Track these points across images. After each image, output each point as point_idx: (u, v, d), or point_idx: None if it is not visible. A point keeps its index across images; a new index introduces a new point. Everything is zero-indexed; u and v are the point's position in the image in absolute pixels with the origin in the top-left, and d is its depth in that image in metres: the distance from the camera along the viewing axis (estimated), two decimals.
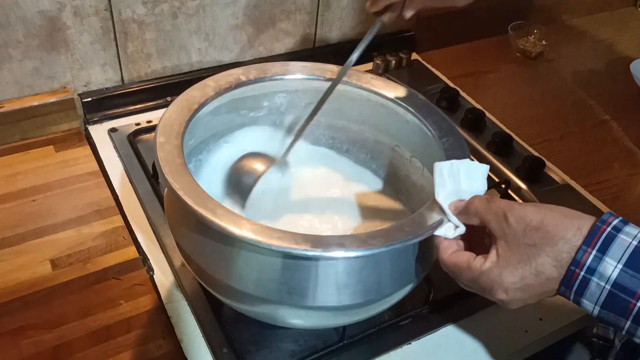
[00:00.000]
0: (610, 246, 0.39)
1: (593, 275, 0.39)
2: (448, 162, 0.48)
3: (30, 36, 0.72)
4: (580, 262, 0.39)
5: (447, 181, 0.47)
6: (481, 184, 0.48)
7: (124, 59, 0.80)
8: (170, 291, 0.59)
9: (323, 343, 0.56)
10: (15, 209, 0.66)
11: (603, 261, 0.39)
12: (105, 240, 0.64)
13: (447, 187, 0.47)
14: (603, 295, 0.39)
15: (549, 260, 0.41)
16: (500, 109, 0.92)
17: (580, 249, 0.39)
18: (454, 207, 0.47)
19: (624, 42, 1.13)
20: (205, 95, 0.57)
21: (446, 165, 0.48)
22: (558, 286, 0.41)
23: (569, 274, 0.40)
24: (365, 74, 0.63)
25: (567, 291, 0.41)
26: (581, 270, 0.39)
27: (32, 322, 0.55)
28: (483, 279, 0.43)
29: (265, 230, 0.43)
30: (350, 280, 0.47)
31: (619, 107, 0.95)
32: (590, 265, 0.39)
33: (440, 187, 0.47)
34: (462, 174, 0.47)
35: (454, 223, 0.46)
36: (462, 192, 0.47)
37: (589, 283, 0.39)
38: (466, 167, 0.48)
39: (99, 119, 0.80)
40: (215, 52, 0.86)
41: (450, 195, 0.47)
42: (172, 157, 0.49)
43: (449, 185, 0.47)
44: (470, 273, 0.44)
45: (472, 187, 0.47)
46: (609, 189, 0.79)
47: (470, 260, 0.44)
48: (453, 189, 0.47)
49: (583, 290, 0.40)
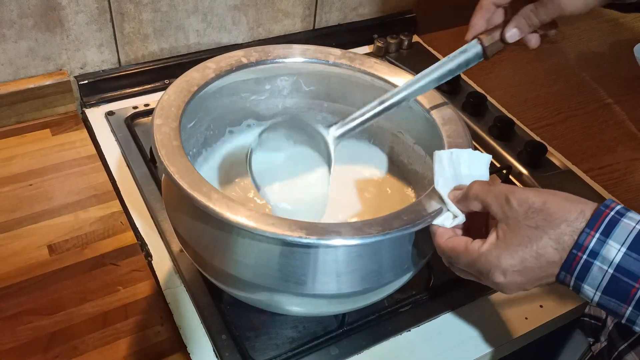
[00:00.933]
0: (614, 229, 0.38)
1: (596, 259, 0.38)
2: (448, 151, 0.47)
3: (24, 16, 0.70)
4: (583, 245, 0.39)
5: (446, 170, 0.47)
6: (484, 173, 0.48)
7: (121, 40, 0.79)
8: (168, 277, 0.59)
9: (322, 329, 0.56)
10: (11, 194, 0.66)
11: (606, 244, 0.38)
12: (102, 226, 0.63)
13: (446, 176, 0.46)
14: (605, 279, 0.38)
15: (550, 242, 0.40)
16: (502, 92, 0.91)
17: (583, 232, 0.39)
18: (453, 196, 0.46)
19: (628, 24, 1.11)
20: (205, 77, 0.56)
21: (446, 154, 0.47)
22: (558, 271, 0.41)
23: (570, 257, 0.39)
24: (369, 58, 0.61)
25: (568, 277, 0.40)
26: (583, 254, 0.39)
27: (29, 308, 0.55)
28: (482, 260, 0.42)
29: (261, 217, 0.43)
30: (347, 268, 0.46)
31: (622, 90, 0.94)
32: (593, 248, 0.38)
33: (439, 175, 0.47)
34: (462, 163, 0.47)
35: (452, 212, 0.46)
36: (462, 182, 0.46)
37: (591, 267, 0.39)
38: (467, 156, 0.47)
39: (96, 102, 0.79)
40: (213, 34, 0.85)
41: (450, 184, 0.46)
42: (169, 140, 0.48)
43: (448, 174, 0.47)
44: (468, 256, 0.43)
45: (473, 177, 0.47)
46: (611, 173, 0.79)
47: (468, 243, 0.43)
48: (453, 178, 0.46)
49: (584, 275, 0.39)
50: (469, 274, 0.45)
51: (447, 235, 0.45)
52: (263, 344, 0.54)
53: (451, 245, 0.44)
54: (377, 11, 0.98)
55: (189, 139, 0.58)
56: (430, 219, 0.45)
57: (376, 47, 0.94)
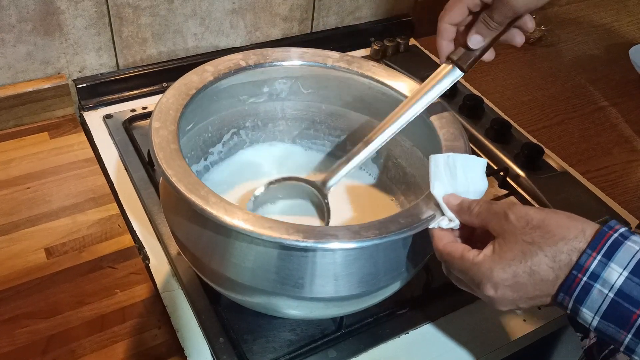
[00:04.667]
0: (616, 252, 0.37)
1: (596, 282, 0.37)
2: (444, 155, 0.47)
3: (23, 20, 0.71)
4: (583, 267, 0.37)
5: (442, 174, 0.47)
6: (480, 178, 0.47)
7: (119, 43, 0.79)
8: (166, 280, 0.59)
9: (320, 332, 0.56)
10: (9, 197, 0.66)
11: (608, 267, 0.37)
12: (100, 229, 0.63)
13: (442, 180, 0.46)
14: (605, 303, 0.37)
15: (546, 260, 0.39)
16: (499, 94, 0.91)
17: (584, 253, 0.38)
18: (450, 202, 0.46)
19: (623, 27, 1.12)
20: (204, 80, 0.56)
21: (442, 158, 0.47)
22: (555, 292, 0.39)
23: (570, 279, 0.38)
24: (366, 61, 0.62)
25: (566, 298, 0.39)
26: (584, 276, 0.37)
27: (26, 311, 0.55)
28: (474, 270, 0.42)
29: (258, 220, 0.43)
30: (344, 271, 0.46)
31: (618, 93, 0.94)
32: (594, 270, 0.37)
33: (435, 179, 0.47)
34: (458, 168, 0.47)
35: (448, 217, 0.46)
36: (458, 186, 0.46)
37: (591, 290, 0.37)
38: (463, 161, 0.47)
39: (94, 105, 0.79)
40: (211, 37, 0.85)
41: (446, 189, 0.46)
42: (167, 143, 0.48)
43: (444, 178, 0.46)
44: (462, 263, 0.43)
45: (469, 181, 0.46)
46: (607, 175, 0.79)
47: (465, 251, 0.43)
48: (449, 182, 0.46)
49: (584, 298, 0.38)
50: (463, 284, 0.45)
51: (446, 239, 0.45)
52: (261, 347, 0.54)
53: (448, 250, 0.44)
54: (374, 15, 0.98)
55: (187, 142, 0.58)
56: (427, 223, 0.45)
57: (373, 50, 0.94)
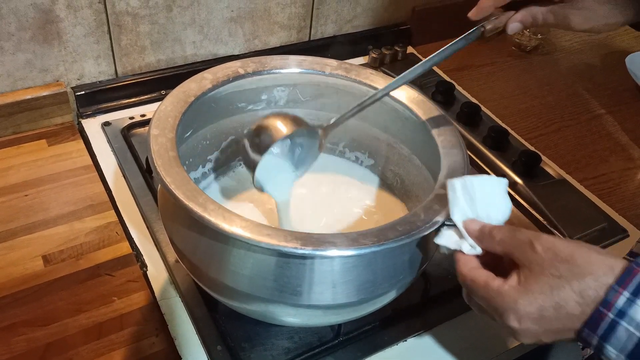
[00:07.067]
0: None
1: (623, 319, 0.36)
2: (461, 178, 0.45)
3: (22, 29, 0.71)
4: (610, 303, 0.37)
5: (461, 199, 0.45)
6: (502, 200, 0.46)
7: (118, 52, 0.79)
8: (163, 287, 0.59)
9: (318, 340, 0.56)
10: (7, 204, 0.66)
11: (635, 304, 0.36)
12: (98, 236, 0.63)
13: (461, 205, 0.45)
14: (631, 342, 0.36)
15: (573, 295, 0.38)
16: (496, 102, 0.92)
17: (611, 289, 0.37)
18: (470, 228, 0.44)
19: (619, 35, 1.13)
20: (202, 88, 0.56)
21: (459, 182, 0.45)
22: (580, 327, 0.38)
23: (595, 315, 0.37)
24: (364, 68, 0.62)
25: (591, 335, 0.38)
26: (610, 312, 0.37)
27: (23, 319, 0.55)
28: (498, 300, 0.41)
29: (256, 227, 0.43)
30: (343, 278, 0.46)
31: (614, 101, 0.95)
32: (622, 307, 0.36)
33: (454, 205, 0.45)
34: (477, 191, 0.45)
35: (469, 244, 0.44)
36: (478, 211, 0.45)
37: (617, 327, 0.37)
38: (481, 183, 0.45)
39: (92, 112, 0.80)
40: (210, 45, 0.86)
41: (466, 213, 0.45)
42: (166, 150, 0.49)
43: (463, 203, 0.45)
44: (486, 292, 0.42)
45: (489, 205, 0.45)
46: (605, 183, 0.79)
47: (489, 279, 0.42)
48: (468, 206, 0.45)
49: (609, 335, 0.37)
50: (484, 311, 0.44)
51: (470, 265, 0.44)
52: (258, 355, 0.54)
53: (472, 276, 0.43)
54: (372, 23, 0.99)
55: (186, 150, 0.58)
56: (425, 230, 0.45)
57: (371, 58, 0.95)
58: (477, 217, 0.45)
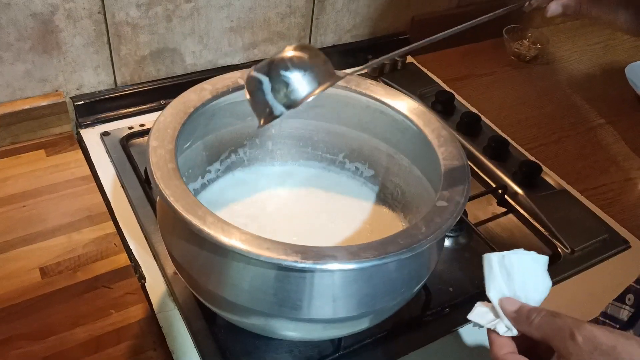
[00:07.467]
0: None
1: None
2: (499, 254, 0.44)
3: (22, 39, 0.71)
4: None
5: (498, 275, 0.43)
6: (542, 279, 0.44)
7: (117, 61, 0.79)
8: (162, 300, 0.58)
9: (318, 354, 0.55)
10: (4, 215, 0.65)
11: None
12: (96, 247, 0.63)
13: (498, 282, 0.43)
14: None
15: None
16: (496, 112, 0.91)
17: None
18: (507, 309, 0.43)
19: (619, 45, 1.13)
20: (202, 99, 0.56)
21: (496, 257, 0.44)
22: None
23: None
24: (364, 79, 0.62)
25: None
26: None
27: (20, 332, 0.54)
28: None
29: (255, 240, 0.43)
30: (343, 292, 0.46)
31: (614, 111, 0.95)
32: None
33: (490, 281, 0.44)
34: (515, 268, 0.43)
35: (505, 325, 0.43)
36: (516, 289, 0.43)
37: None
38: (520, 260, 0.44)
39: (91, 122, 0.79)
40: (209, 55, 0.85)
41: (503, 291, 0.43)
42: (165, 162, 0.48)
43: (500, 280, 0.43)
44: None
45: (528, 284, 0.43)
46: (605, 193, 0.79)
47: None
48: (506, 284, 0.43)
49: None
50: None
51: (505, 349, 0.42)
52: None
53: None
54: (371, 33, 0.99)
55: (185, 160, 0.58)
56: (426, 243, 0.45)
57: (371, 68, 0.95)
58: (514, 295, 0.43)
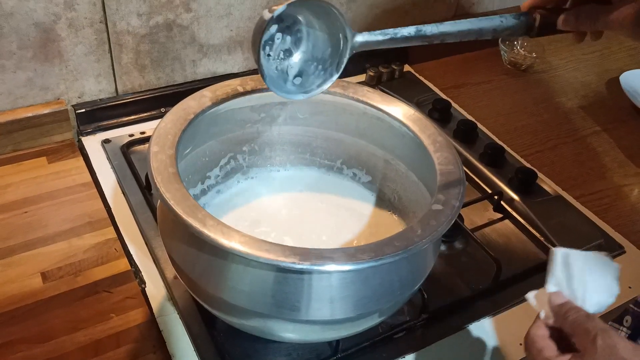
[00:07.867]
0: None
1: None
2: (565, 250, 0.44)
3: (24, 47, 0.72)
4: None
5: (558, 270, 0.44)
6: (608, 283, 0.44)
7: (118, 70, 0.80)
8: (162, 304, 0.59)
9: (316, 357, 0.55)
10: (6, 221, 0.66)
11: None
12: (96, 253, 0.63)
13: (556, 276, 0.44)
14: None
15: None
16: (492, 120, 0.92)
17: None
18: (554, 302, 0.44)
19: (614, 54, 1.14)
20: (202, 106, 0.57)
21: (561, 252, 0.44)
22: None
23: None
24: (361, 86, 0.63)
25: None
26: None
27: (21, 337, 0.54)
28: None
29: (254, 242, 0.43)
30: (340, 294, 0.47)
31: (609, 118, 0.96)
32: None
33: (551, 273, 0.44)
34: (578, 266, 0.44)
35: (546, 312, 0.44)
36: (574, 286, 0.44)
37: None
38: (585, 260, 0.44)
39: (93, 130, 0.80)
40: (209, 64, 0.87)
41: (560, 285, 0.44)
42: (165, 167, 0.49)
43: (559, 274, 0.44)
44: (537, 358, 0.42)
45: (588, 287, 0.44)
46: (601, 200, 0.80)
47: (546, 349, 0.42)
48: (565, 280, 0.44)
49: None
50: None
51: (539, 331, 0.43)
52: None
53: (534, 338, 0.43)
54: None
55: (185, 166, 0.58)
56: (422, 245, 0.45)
57: (368, 76, 0.96)
58: (572, 291, 0.44)
